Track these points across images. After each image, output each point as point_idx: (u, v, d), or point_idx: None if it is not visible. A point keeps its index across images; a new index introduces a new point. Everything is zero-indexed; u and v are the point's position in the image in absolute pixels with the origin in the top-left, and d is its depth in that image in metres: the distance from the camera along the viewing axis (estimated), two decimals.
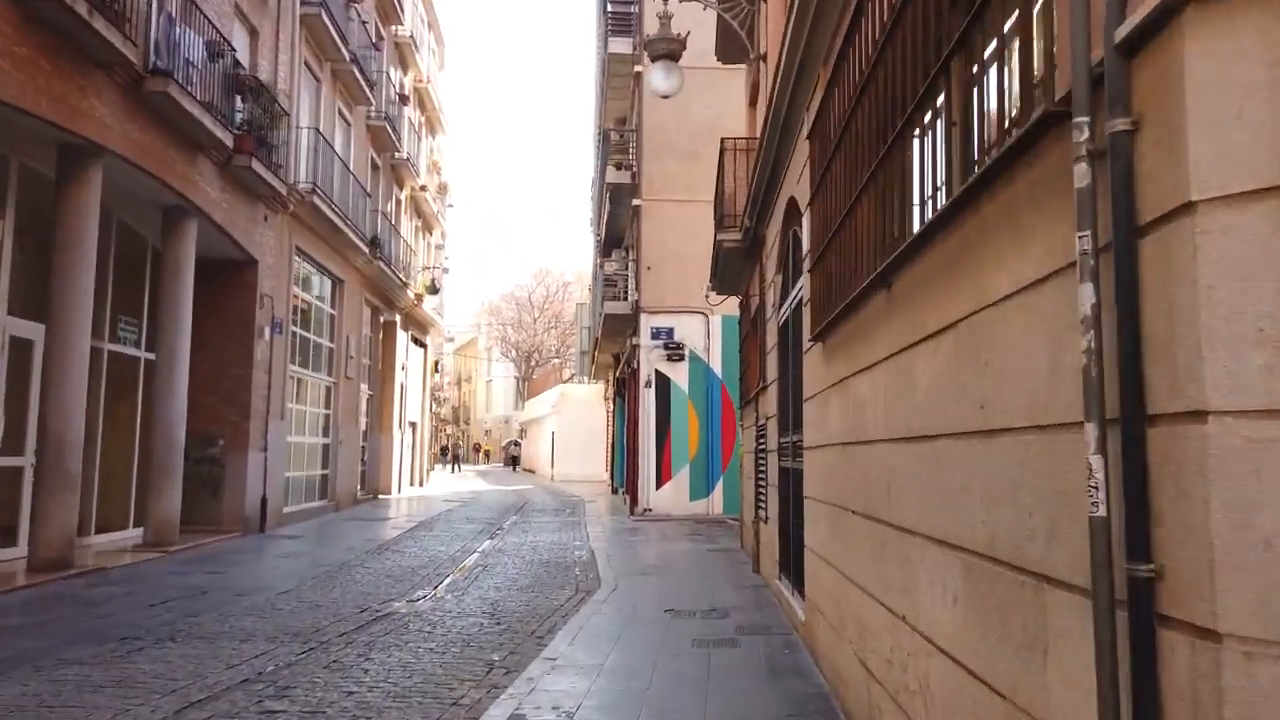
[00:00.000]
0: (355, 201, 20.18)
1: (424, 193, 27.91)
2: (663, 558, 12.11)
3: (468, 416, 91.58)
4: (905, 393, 3.39)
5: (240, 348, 14.46)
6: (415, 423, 30.55)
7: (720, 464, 19.90)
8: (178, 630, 7.17)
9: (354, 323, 21.10)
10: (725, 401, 20.04)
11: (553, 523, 18.15)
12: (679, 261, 20.21)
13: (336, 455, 19.71)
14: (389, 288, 24.07)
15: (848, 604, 4.50)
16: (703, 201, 19.98)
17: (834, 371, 4.99)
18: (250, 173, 13.30)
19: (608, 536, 15.10)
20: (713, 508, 19.74)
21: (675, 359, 20.02)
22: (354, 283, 20.98)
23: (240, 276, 14.51)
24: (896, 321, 3.52)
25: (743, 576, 10.12)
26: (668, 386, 20.04)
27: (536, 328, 61.01)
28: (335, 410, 19.83)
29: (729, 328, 20.10)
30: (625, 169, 21.40)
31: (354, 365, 21.11)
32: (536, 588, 9.67)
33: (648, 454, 19.87)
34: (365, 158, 22.04)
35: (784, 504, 7.84)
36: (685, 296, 20.11)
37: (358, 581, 9.99)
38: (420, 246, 30.13)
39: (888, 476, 3.65)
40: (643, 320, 20.14)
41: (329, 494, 19.55)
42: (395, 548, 13.34)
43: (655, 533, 15.90)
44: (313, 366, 18.47)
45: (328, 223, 17.55)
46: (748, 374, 11.94)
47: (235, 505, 14.26)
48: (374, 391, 23.92)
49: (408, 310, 27.04)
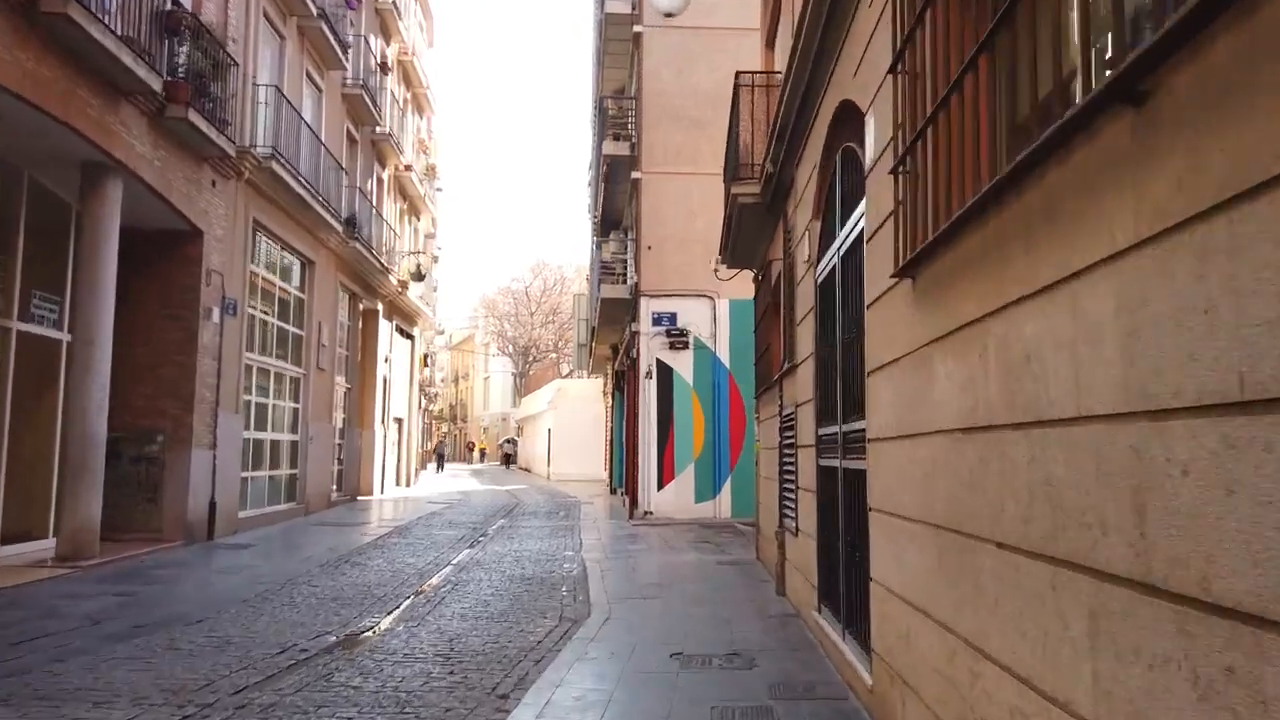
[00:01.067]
0: (328, 175, 18.37)
1: (409, 173, 26.10)
2: (666, 573, 10.30)
3: (465, 414, 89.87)
4: (1186, 315, 1.60)
5: (183, 331, 12.65)
6: (402, 419, 28.74)
7: (729, 462, 18.10)
8: (23, 686, 5.36)
9: (327, 308, 19.29)
10: (734, 393, 18.23)
11: (543, 528, 16.35)
12: (682, 241, 18.41)
13: (306, 454, 17.90)
14: (369, 273, 22.26)
15: (986, 698, 2.68)
16: (709, 174, 18.19)
17: (940, 319, 3.18)
18: (188, 127, 11.48)
19: (603, 545, 13.30)
20: (720, 510, 17.94)
21: (678, 347, 18.22)
22: (327, 265, 19.17)
23: (182, 249, 12.69)
24: (1159, 168, 1.72)
25: (765, 600, 8.32)
26: (670, 378, 18.24)
27: (534, 322, 59.17)
28: (305, 404, 18.02)
29: (738, 312, 18.30)
30: (623, 139, 19.58)
31: (327, 355, 19.31)
32: (511, 615, 7.86)
33: (648, 452, 18.07)
34: (340, 129, 20.22)
35: (826, 514, 6.03)
36: (689, 279, 18.32)
37: (296, 606, 8.19)
38: (406, 231, 28.32)
39: (1122, 484, 1.85)
40: (642, 305, 18.33)
41: (298, 496, 17.74)
42: (357, 559, 11.54)
43: (657, 540, 14.10)
44: (277, 355, 16.66)
45: (292, 195, 15.74)
46: (765, 357, 10.13)
47: (176, 510, 12.45)
48: (352, 385, 22.12)
49: (391, 298, 25.22)
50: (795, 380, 7.37)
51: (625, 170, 19.81)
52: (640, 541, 13.91)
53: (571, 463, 37.17)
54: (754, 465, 17.83)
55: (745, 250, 10.98)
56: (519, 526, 16.69)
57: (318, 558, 11.66)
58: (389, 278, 23.90)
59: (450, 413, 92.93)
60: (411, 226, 29.11)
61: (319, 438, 18.66)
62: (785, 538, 8.02)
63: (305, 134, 17.11)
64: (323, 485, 19.11)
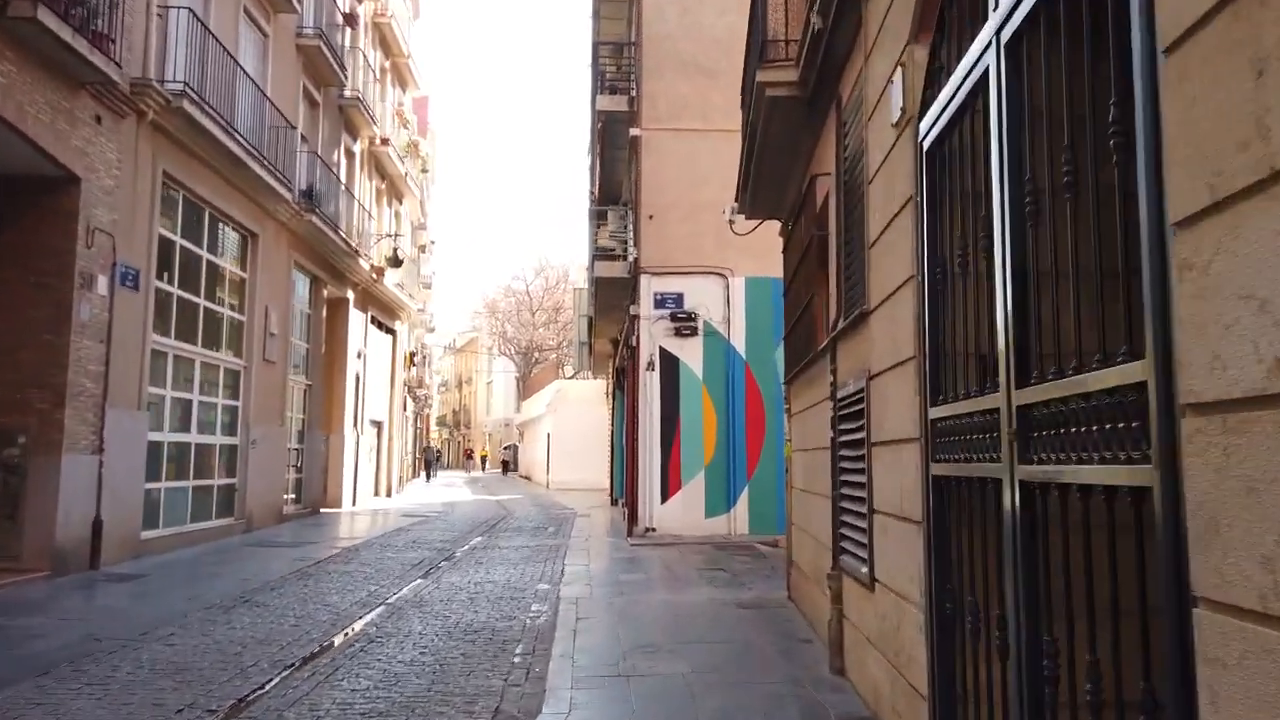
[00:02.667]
0: (275, 134, 15.69)
1: (386, 148, 23.41)
2: (666, 623, 7.49)
3: (469, 420, 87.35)
4: None
5: (52, 304, 9.95)
6: (381, 422, 26.03)
7: (745, 469, 15.29)
8: None
9: (277, 291, 16.59)
10: (751, 387, 15.43)
11: (524, 549, 13.57)
12: (690, 209, 15.65)
13: (247, 460, 15.17)
14: (334, 255, 19.56)
15: None
16: (720, 131, 15.44)
17: None
18: (40, 32, 8.78)
19: (590, 574, 10.51)
20: (735, 527, 15.12)
21: (685, 333, 15.43)
22: (276, 240, 16.48)
23: (50, 200, 9.99)
24: None
25: (813, 679, 5.51)
26: (675, 370, 15.45)
27: (535, 321, 56.43)
28: (247, 401, 15.30)
29: (756, 292, 15.53)
30: (621, 93, 16.84)
31: (278, 346, 16.60)
32: (420, 706, 5.09)
33: (650, 458, 15.29)
34: (294, 84, 17.54)
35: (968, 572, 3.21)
36: (697, 253, 15.57)
37: (97, 689, 5.43)
38: (386, 215, 25.62)
39: None
40: (643, 284, 15.56)
41: (237, 510, 15.01)
42: (265, 597, 8.79)
43: (658, 566, 11.31)
44: (206, 342, 13.96)
45: (219, 148, 13.05)
46: (803, 323, 7.34)
47: (43, 532, 9.72)
48: (314, 382, 19.39)
49: (365, 286, 22.52)
50: (868, 336, 4.57)
51: (623, 130, 17.08)
52: (637, 568, 11.11)
53: (572, 470, 34.36)
54: (781, 473, 15.10)
55: (771, 185, 8.22)
56: (496, 547, 13.92)
57: (216, 594, 8.91)
58: (359, 262, 21.20)
59: (453, 418, 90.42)
60: (392, 210, 26.42)
61: (266, 441, 15.94)
62: (847, 586, 5.21)
63: (243, 83, 14.44)
64: (271, 497, 16.38)
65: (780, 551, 12.83)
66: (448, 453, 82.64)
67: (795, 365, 7.68)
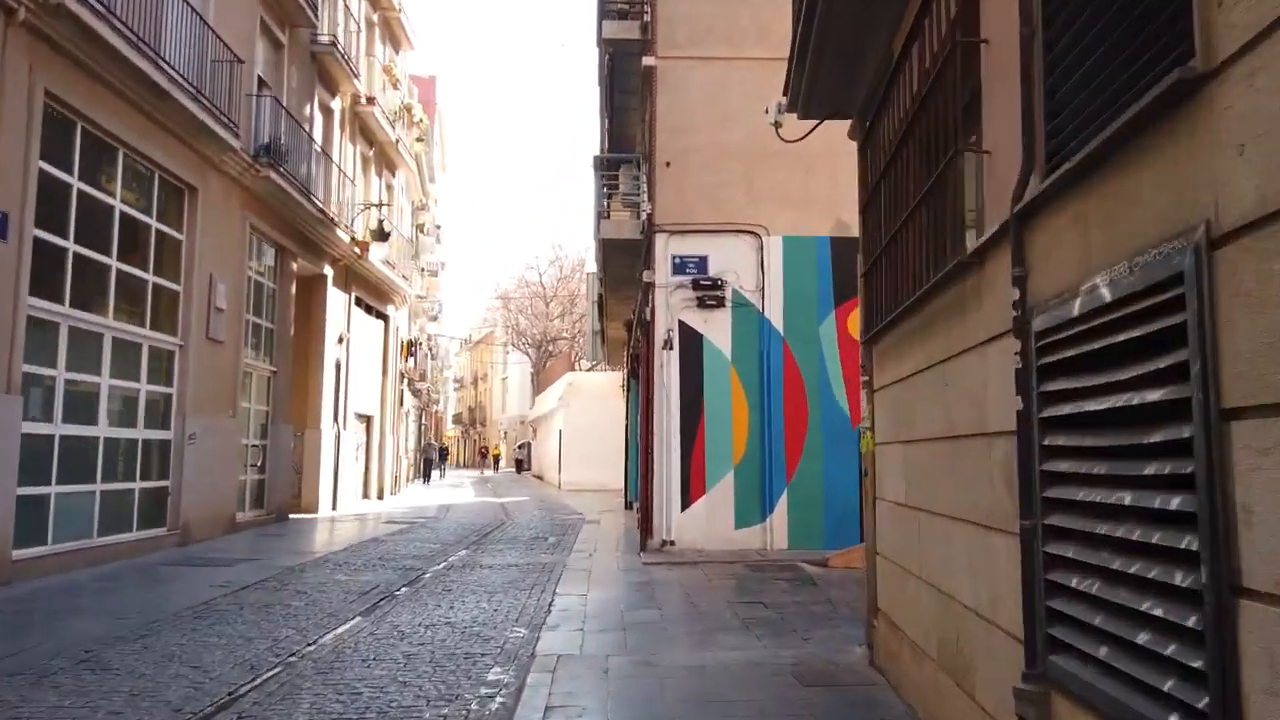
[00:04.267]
0: (220, 71, 13.11)
1: (371, 108, 20.80)
2: (690, 717, 4.76)
3: (484, 417, 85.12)
4: None
5: None
6: (370, 416, 23.47)
7: (783, 469, 12.53)
8: None
9: (226, 259, 14.02)
10: (790, 369, 12.67)
11: (510, 569, 10.90)
12: (715, 154, 12.93)
13: (182, 458, 12.59)
14: (306, 223, 16.98)
15: None
16: (753, 60, 12.67)
17: None
18: None
19: (584, 612, 7.80)
20: (772, 540, 12.36)
21: (710, 304, 12.69)
22: (225, 198, 13.91)
23: None
24: None
25: None
26: (699, 348, 12.72)
27: (550, 312, 53.76)
28: (183, 388, 12.73)
29: (796, 253, 12.79)
30: (633, 17, 14.13)
31: (227, 323, 14.02)
32: None
33: (668, 456, 12.56)
34: (250, 18, 14.94)
35: None
36: (725, 208, 12.85)
37: None
38: (376, 187, 23.03)
39: None
40: (659, 245, 12.83)
41: (169, 519, 12.44)
42: (124, 651, 6.16)
43: (677, 598, 8.58)
44: (123, 314, 11.38)
45: (132, 72, 10.48)
46: (898, 242, 4.59)
47: None
48: (280, 369, 16.79)
49: (347, 263, 19.94)
50: (1204, 148, 1.81)
51: (634, 64, 14.34)
52: (649, 600, 8.39)
53: (585, 469, 31.62)
54: (831, 474, 12.33)
55: (839, 62, 5.47)
56: (478, 565, 11.27)
57: (49, 647, 6.30)
58: (338, 233, 18.60)
59: (468, 416, 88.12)
60: (382, 181, 23.82)
61: (210, 436, 13.36)
62: (1071, 716, 2.45)
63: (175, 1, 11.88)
64: (217, 502, 13.80)
65: (833, 575, 10.04)
66: (460, 451, 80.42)
67: (891, 309, 4.89)
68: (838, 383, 12.61)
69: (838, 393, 12.59)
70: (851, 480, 12.37)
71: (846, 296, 12.66)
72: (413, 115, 24.69)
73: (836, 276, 12.71)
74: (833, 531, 12.36)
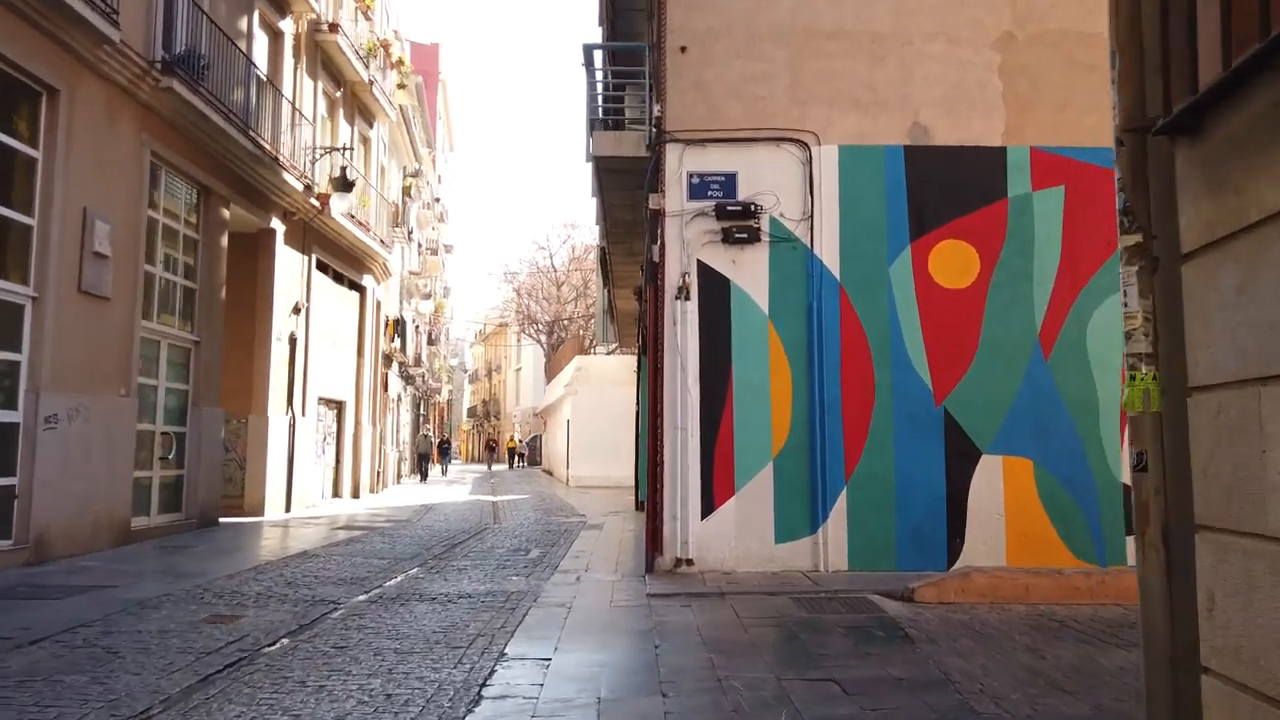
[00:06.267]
0: None
1: (334, 37, 17.56)
2: None
3: (498, 410, 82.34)
4: None
5: None
6: (342, 402, 20.30)
7: (841, 461, 9.15)
8: None
9: (110, 189, 10.82)
10: (849, 324, 9.29)
11: (460, 602, 7.61)
12: (748, 37, 9.59)
13: (35, 448, 9.41)
14: (239, 161, 13.77)
15: None
16: None
17: None
18: None
19: (539, 699, 4.47)
20: (826, 558, 8.99)
21: (740, 238, 9.32)
22: (109, 112, 10.71)
23: None
24: None
25: None
26: (725, 298, 9.37)
27: (562, 295, 50.49)
28: (38, 355, 9.55)
29: (857, 168, 9.44)
30: None
31: (115, 274, 10.83)
32: None
33: (683, 444, 9.22)
34: None
35: None
36: (760, 109, 9.51)
37: None
38: (345, 134, 19.77)
39: None
40: (670, 160, 9.48)
41: (17, 530, 9.26)
42: None
43: (694, 669, 5.22)
44: None
45: None
46: None
47: None
48: (206, 339, 13.58)
49: (304, 218, 16.74)
50: None
51: None
52: (648, 679, 5.06)
53: (595, 463, 28.28)
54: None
55: None
56: (418, 595, 8.01)
57: None
58: (286, 178, 15.37)
59: (483, 409, 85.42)
60: (355, 130, 20.57)
61: (85, 419, 10.18)
62: None
63: None
64: (96, 507, 10.60)
65: (927, 617, 6.54)
66: (471, 444, 77.54)
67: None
68: (915, 344, 9.22)
69: (915, 358, 9.20)
70: (936, 475, 9.03)
71: (928, 227, 9.28)
72: (391, 55, 21.43)
73: (913, 200, 9.32)
74: (908, 546, 9.01)
